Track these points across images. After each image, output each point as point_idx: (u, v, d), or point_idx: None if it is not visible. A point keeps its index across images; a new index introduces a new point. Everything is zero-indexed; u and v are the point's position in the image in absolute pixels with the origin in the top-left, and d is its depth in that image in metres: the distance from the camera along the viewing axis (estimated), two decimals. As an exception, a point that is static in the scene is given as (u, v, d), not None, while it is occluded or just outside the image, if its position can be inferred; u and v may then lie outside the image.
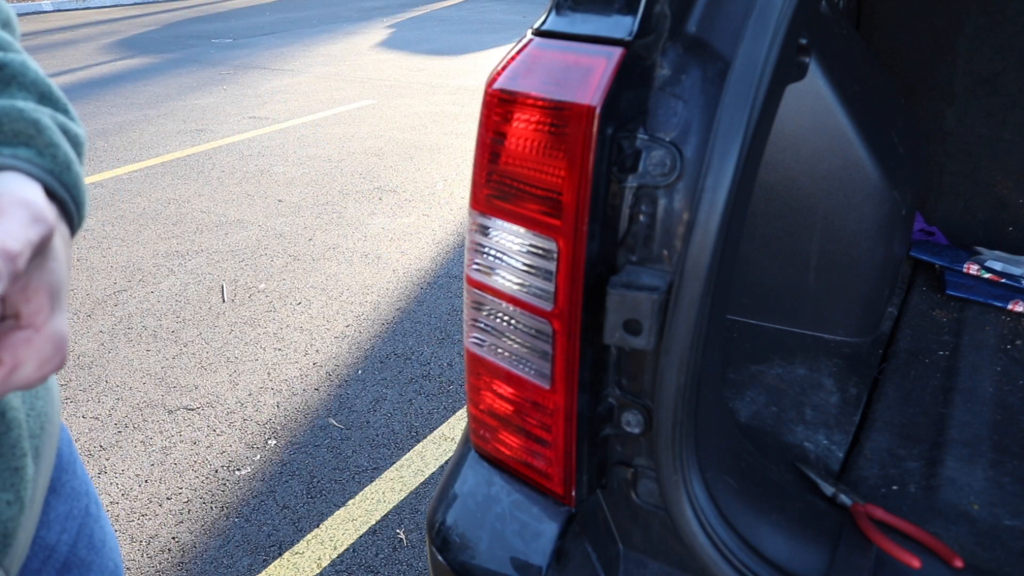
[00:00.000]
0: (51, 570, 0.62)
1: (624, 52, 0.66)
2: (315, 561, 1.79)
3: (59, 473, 0.65)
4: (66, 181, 0.46)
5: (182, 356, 2.64)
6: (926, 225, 1.78)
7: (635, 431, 0.77)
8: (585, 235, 0.69)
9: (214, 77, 7.03)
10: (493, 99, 0.72)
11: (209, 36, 9.38)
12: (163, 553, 1.82)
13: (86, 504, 0.68)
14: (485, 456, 0.88)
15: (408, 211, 3.89)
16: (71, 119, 0.50)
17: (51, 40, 9.09)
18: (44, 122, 0.46)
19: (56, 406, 0.63)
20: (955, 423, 1.10)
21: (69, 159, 0.47)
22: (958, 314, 1.43)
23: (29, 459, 0.55)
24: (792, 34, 0.66)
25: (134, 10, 12.03)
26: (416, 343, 2.70)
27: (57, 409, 0.64)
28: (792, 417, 1.12)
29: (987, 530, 0.89)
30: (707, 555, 0.74)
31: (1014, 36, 1.58)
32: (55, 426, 0.62)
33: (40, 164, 0.45)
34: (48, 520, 0.63)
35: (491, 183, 0.74)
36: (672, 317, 0.67)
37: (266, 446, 2.18)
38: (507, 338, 0.78)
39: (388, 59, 7.89)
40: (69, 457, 0.67)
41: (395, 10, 11.84)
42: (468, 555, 0.84)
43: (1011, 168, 1.66)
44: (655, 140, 0.68)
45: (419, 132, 5.26)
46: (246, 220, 3.79)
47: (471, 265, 0.79)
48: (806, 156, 1.19)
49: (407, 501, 1.97)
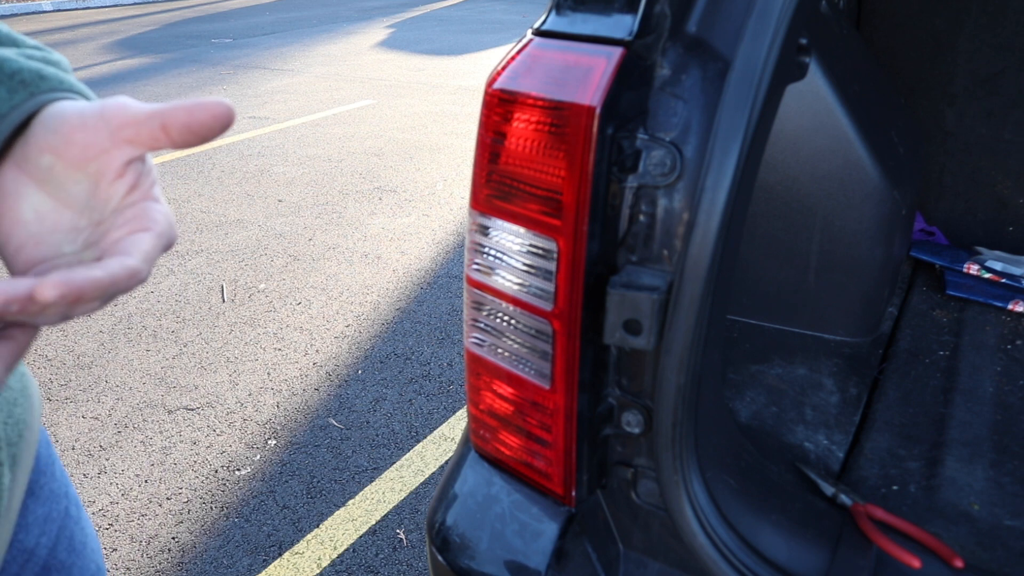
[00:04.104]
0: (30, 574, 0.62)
1: (624, 52, 0.66)
2: (315, 561, 1.79)
3: (37, 476, 0.64)
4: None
5: (182, 356, 2.64)
6: (926, 225, 1.78)
7: (635, 431, 0.77)
8: (585, 235, 0.69)
9: (214, 77, 7.03)
10: (493, 99, 0.72)
11: (209, 36, 9.38)
12: (163, 553, 1.82)
13: (65, 506, 0.67)
14: (485, 456, 0.88)
15: (408, 211, 3.89)
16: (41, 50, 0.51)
17: (51, 40, 9.09)
18: (54, 57, 0.47)
19: (36, 412, 0.62)
20: (955, 423, 1.10)
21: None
22: (958, 314, 1.43)
23: (6, 468, 0.54)
24: (792, 34, 0.66)
25: (134, 10, 12.03)
26: (416, 343, 2.70)
27: (37, 415, 0.62)
28: (792, 417, 1.12)
29: (987, 530, 0.89)
30: (707, 555, 0.74)
31: (1014, 36, 1.58)
32: (34, 432, 0.61)
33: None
34: (26, 523, 0.62)
35: (491, 183, 0.74)
36: (672, 317, 0.67)
37: (266, 446, 2.18)
38: (507, 338, 0.78)
39: (388, 59, 7.89)
40: (48, 459, 0.66)
41: (395, 10, 11.84)
42: (468, 555, 0.84)
43: (1011, 168, 1.66)
44: (655, 140, 0.68)
45: (419, 132, 5.26)
46: (246, 220, 3.79)
47: (471, 265, 0.79)
48: (806, 156, 1.19)
49: (407, 501, 1.97)
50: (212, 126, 0.39)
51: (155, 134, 0.39)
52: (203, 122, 0.39)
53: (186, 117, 0.39)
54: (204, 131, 0.39)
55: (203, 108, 0.39)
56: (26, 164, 0.40)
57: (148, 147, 0.40)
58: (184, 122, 0.39)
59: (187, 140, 0.39)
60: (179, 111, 0.39)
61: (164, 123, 0.39)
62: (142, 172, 0.42)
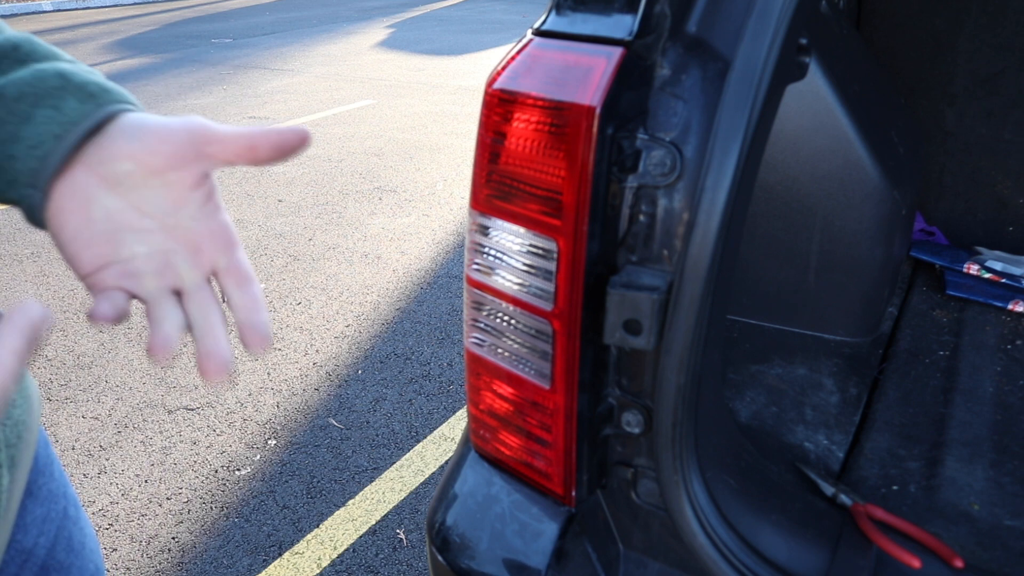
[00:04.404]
0: (29, 574, 0.62)
1: (624, 52, 0.66)
2: (315, 561, 1.79)
3: (35, 476, 0.64)
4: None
5: (182, 356, 2.64)
6: (926, 225, 1.78)
7: (635, 431, 0.77)
8: (585, 235, 0.69)
9: (214, 77, 7.03)
10: (493, 99, 0.72)
11: (209, 36, 9.38)
12: (163, 553, 1.82)
13: (64, 506, 0.67)
14: (485, 456, 0.88)
15: (408, 211, 3.89)
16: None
17: (51, 40, 9.09)
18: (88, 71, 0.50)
19: (35, 413, 0.62)
20: (955, 423, 1.10)
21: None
22: (958, 314, 1.43)
23: (4, 469, 0.54)
24: (792, 34, 0.66)
25: (134, 10, 12.03)
26: (416, 343, 2.70)
27: (36, 416, 0.63)
28: (792, 417, 1.12)
29: (987, 530, 0.89)
30: (707, 555, 0.74)
31: (1014, 36, 1.58)
32: (33, 433, 0.61)
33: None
34: (25, 524, 0.62)
35: (491, 183, 0.74)
36: (672, 317, 0.67)
37: (266, 446, 2.18)
38: (507, 338, 0.78)
39: (388, 59, 7.89)
40: (46, 459, 0.66)
41: (395, 10, 11.84)
42: (468, 555, 0.84)
43: (1011, 168, 1.66)
44: (655, 140, 0.68)
45: (419, 132, 5.26)
46: (246, 220, 3.79)
47: (471, 265, 0.79)
48: (806, 156, 1.19)
49: (407, 501, 1.97)
50: (296, 146, 0.44)
51: (240, 151, 0.44)
52: (289, 141, 0.44)
53: (277, 138, 0.44)
54: (288, 149, 0.44)
55: (291, 130, 0.44)
56: (100, 168, 0.44)
57: (228, 163, 0.44)
58: (274, 142, 0.44)
59: (270, 157, 0.44)
60: (270, 131, 0.44)
61: (253, 142, 0.44)
62: (213, 186, 0.46)
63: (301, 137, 0.44)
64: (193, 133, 0.44)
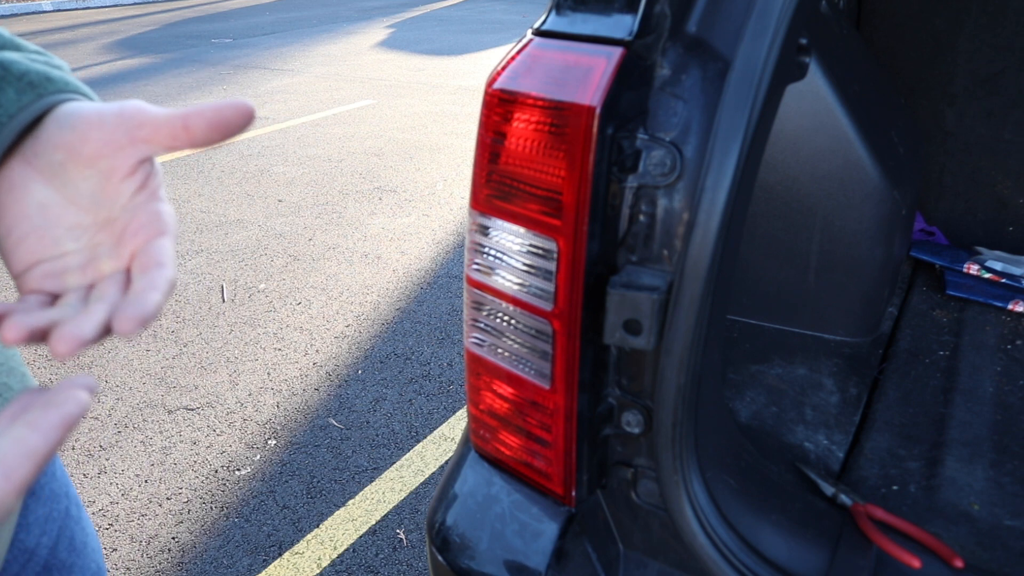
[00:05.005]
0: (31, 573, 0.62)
1: (624, 52, 0.66)
2: (315, 561, 1.79)
3: (38, 476, 0.64)
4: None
5: (182, 356, 2.64)
6: (926, 225, 1.78)
7: (635, 431, 0.77)
8: (585, 235, 0.69)
9: (214, 77, 7.03)
10: (493, 99, 0.72)
11: (209, 36, 9.38)
12: (163, 553, 1.82)
13: (66, 506, 0.68)
14: (485, 456, 0.88)
15: (408, 211, 3.89)
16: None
17: (51, 40, 9.09)
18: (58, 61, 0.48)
19: None
20: (955, 423, 1.10)
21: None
22: (958, 314, 1.43)
23: None
24: (792, 34, 0.66)
25: (134, 10, 12.03)
26: (416, 343, 2.70)
27: None
28: (792, 417, 1.12)
29: (987, 530, 0.89)
30: (707, 555, 0.74)
31: (1014, 36, 1.58)
32: None
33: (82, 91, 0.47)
34: (27, 523, 0.62)
35: (491, 183, 0.74)
36: (672, 317, 0.67)
37: (266, 446, 2.18)
38: (507, 338, 0.78)
39: (388, 59, 7.89)
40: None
41: (395, 10, 11.84)
42: (468, 555, 0.84)
43: (1011, 168, 1.66)
44: (655, 140, 0.68)
45: (419, 132, 5.26)
46: (246, 220, 3.79)
47: (471, 265, 0.79)
48: (806, 156, 1.19)
49: (407, 501, 1.97)
50: (235, 122, 0.40)
51: (175, 132, 0.40)
52: (228, 118, 0.40)
53: (212, 114, 0.40)
54: (226, 127, 0.40)
55: (228, 104, 0.40)
56: (36, 160, 0.42)
57: (165, 146, 0.41)
58: (209, 118, 0.40)
59: (208, 137, 0.40)
60: (204, 108, 0.40)
61: (186, 122, 0.40)
62: (150, 173, 0.43)
63: (240, 111, 0.40)
64: (124, 117, 0.41)
